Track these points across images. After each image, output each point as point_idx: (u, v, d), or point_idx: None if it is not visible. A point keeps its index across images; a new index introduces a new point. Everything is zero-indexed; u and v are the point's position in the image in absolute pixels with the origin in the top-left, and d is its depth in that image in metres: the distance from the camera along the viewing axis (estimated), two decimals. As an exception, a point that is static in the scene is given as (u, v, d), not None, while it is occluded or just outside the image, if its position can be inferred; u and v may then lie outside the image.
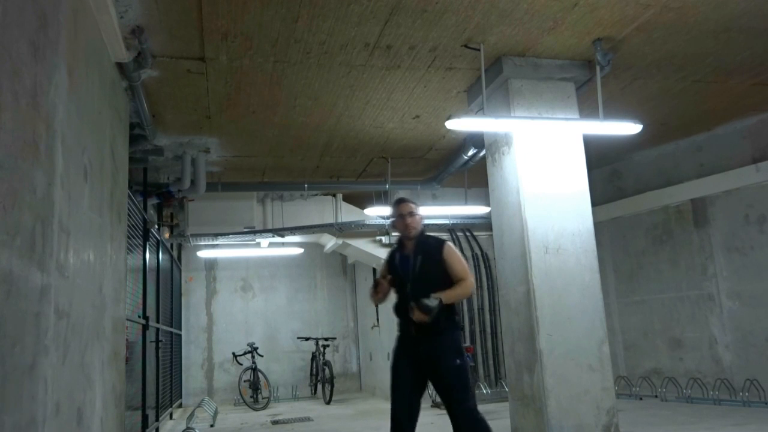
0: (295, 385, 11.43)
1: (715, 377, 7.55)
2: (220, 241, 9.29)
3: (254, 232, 8.98)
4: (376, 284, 3.89)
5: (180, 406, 10.48)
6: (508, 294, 5.36)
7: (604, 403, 4.94)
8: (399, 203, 3.98)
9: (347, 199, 9.49)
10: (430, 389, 4.38)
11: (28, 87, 2.29)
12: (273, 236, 9.33)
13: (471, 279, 3.81)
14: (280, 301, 11.82)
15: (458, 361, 3.72)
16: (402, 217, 3.91)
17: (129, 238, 5.17)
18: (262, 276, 11.80)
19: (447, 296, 3.66)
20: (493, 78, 5.30)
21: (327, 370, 10.12)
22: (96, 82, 3.67)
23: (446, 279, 3.78)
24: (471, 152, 7.05)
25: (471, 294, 3.80)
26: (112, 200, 4.16)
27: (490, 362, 9.35)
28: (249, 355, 10.33)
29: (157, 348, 7.35)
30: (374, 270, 10.54)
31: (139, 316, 6.10)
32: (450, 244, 3.92)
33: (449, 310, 3.75)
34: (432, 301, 3.57)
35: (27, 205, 2.24)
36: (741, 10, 4.63)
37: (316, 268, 12.06)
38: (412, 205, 3.95)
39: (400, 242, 3.99)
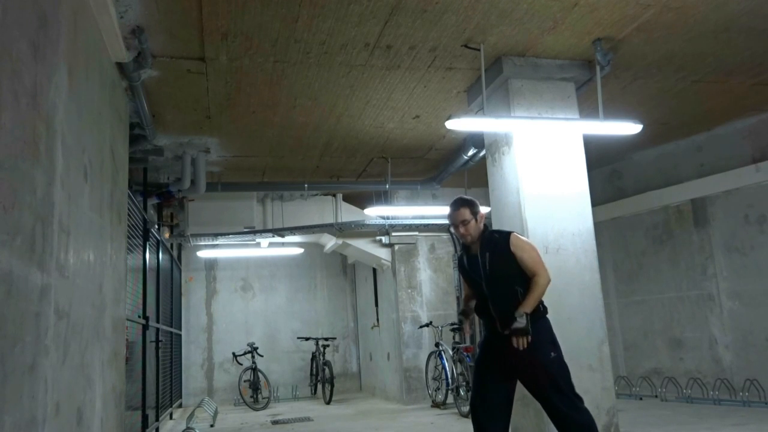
0: (295, 385, 11.43)
1: (715, 377, 7.55)
2: (220, 241, 9.29)
3: (254, 232, 8.98)
4: (460, 323, 3.80)
5: (180, 406, 10.47)
6: (508, 294, 5.34)
7: (604, 403, 4.94)
8: (451, 213, 3.71)
9: (347, 199, 9.49)
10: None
11: (28, 87, 2.28)
12: (273, 236, 9.33)
13: (543, 271, 3.56)
14: (280, 301, 11.82)
15: (553, 354, 3.51)
16: (456, 227, 3.70)
17: (129, 238, 5.17)
18: (262, 276, 11.80)
19: (528, 306, 3.45)
20: (493, 78, 5.30)
21: (327, 370, 10.12)
22: (96, 82, 3.67)
23: (521, 272, 3.58)
24: (471, 152, 7.05)
25: (548, 286, 3.56)
26: (112, 200, 4.16)
27: (490, 362, 9.35)
28: (249, 355, 10.33)
29: (157, 348, 7.35)
30: (374, 270, 10.54)
31: (139, 316, 6.10)
32: (517, 234, 3.69)
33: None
34: (521, 321, 3.40)
35: (27, 205, 2.24)
36: (741, 10, 4.63)
37: (316, 268, 12.06)
38: (465, 212, 3.65)
39: (464, 244, 3.78)
